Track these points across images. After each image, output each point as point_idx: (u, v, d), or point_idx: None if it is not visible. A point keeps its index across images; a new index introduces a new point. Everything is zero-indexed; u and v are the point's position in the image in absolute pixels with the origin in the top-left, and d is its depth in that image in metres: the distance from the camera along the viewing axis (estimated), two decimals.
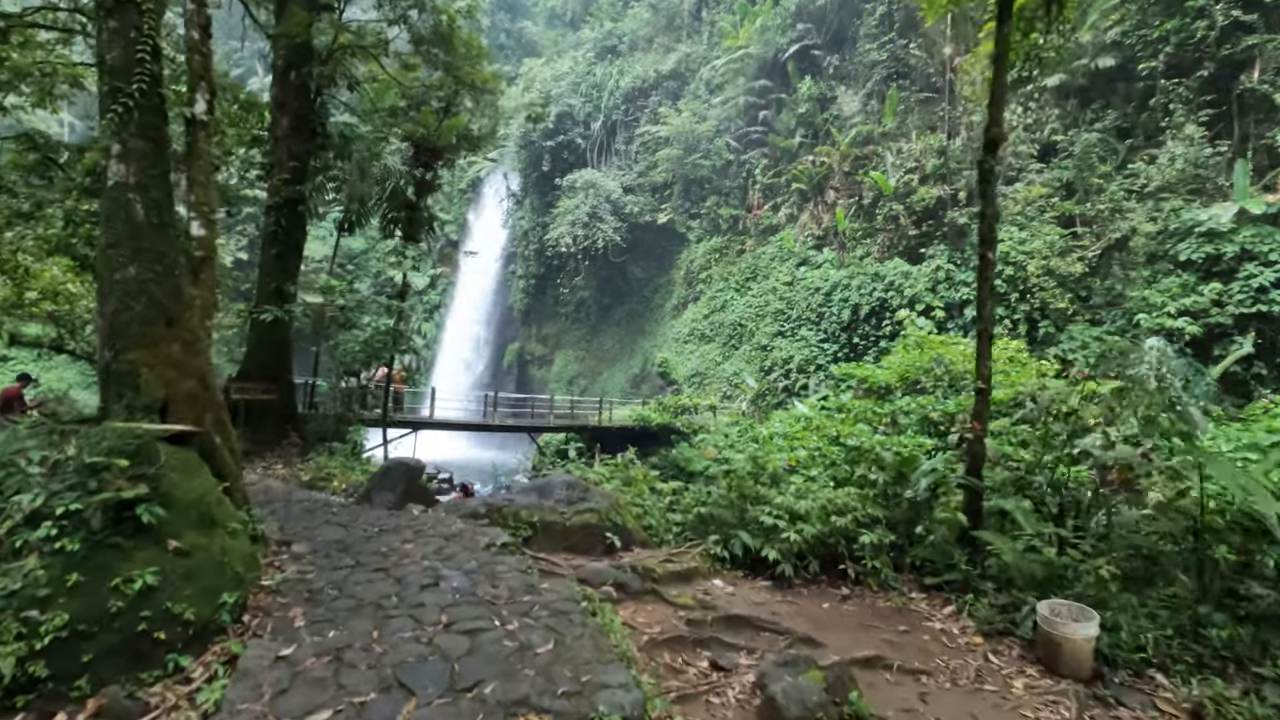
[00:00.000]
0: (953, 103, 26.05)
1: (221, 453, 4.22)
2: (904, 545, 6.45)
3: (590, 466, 8.84)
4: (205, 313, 4.39)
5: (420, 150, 12.94)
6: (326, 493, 9.24)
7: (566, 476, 6.97)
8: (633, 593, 4.97)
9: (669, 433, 23.04)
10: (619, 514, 6.54)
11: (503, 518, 6.04)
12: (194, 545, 3.32)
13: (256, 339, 13.26)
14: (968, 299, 23.37)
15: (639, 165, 39.82)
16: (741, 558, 6.45)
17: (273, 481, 8.47)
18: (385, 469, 6.78)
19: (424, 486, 6.86)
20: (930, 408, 13.76)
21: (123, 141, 3.92)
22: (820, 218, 30.71)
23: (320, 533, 5.22)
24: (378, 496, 6.56)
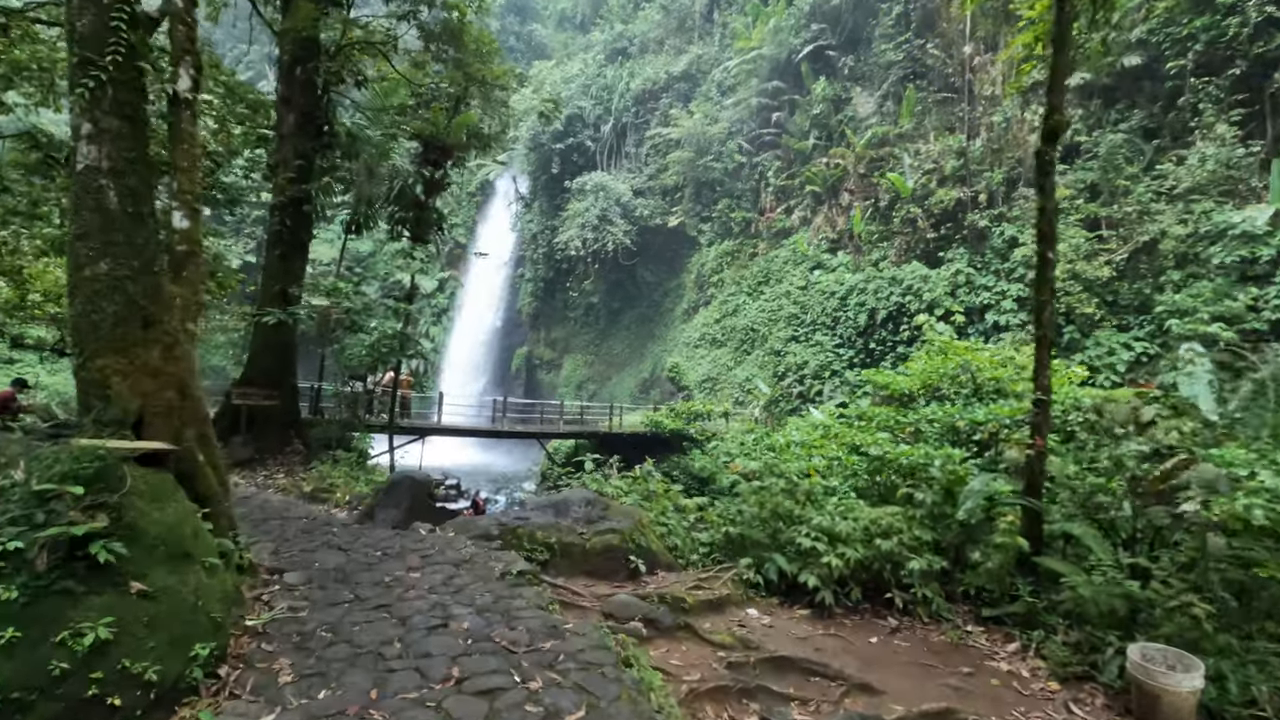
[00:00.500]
0: (972, 103, 25.45)
1: (204, 472, 3.74)
2: (955, 571, 5.88)
3: (607, 479, 8.31)
4: (188, 314, 3.92)
5: (429, 148, 12.51)
6: (329, 505, 8.77)
7: (584, 492, 6.45)
8: (664, 629, 4.44)
9: (681, 439, 22.51)
10: (642, 534, 6.02)
11: (517, 539, 5.53)
12: (162, 587, 2.82)
13: (260, 343, 12.84)
14: (989, 303, 22.75)
15: (649, 168, 39.39)
16: (776, 583, 5.91)
17: (272, 494, 8.00)
18: (390, 484, 6.29)
19: (431, 503, 6.36)
20: (957, 416, 13.18)
21: (94, 120, 3.45)
22: (835, 221, 30.14)
23: (317, 557, 4.73)
24: (382, 514, 6.07)
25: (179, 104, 4.00)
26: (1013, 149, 24.38)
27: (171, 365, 3.68)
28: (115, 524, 2.74)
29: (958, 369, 15.08)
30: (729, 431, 24.13)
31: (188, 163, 3.99)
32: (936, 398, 15.77)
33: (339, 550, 4.92)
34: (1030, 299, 21.53)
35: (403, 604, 3.83)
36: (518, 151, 45.24)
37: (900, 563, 5.72)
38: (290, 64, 12.92)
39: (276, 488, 9.53)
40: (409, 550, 4.97)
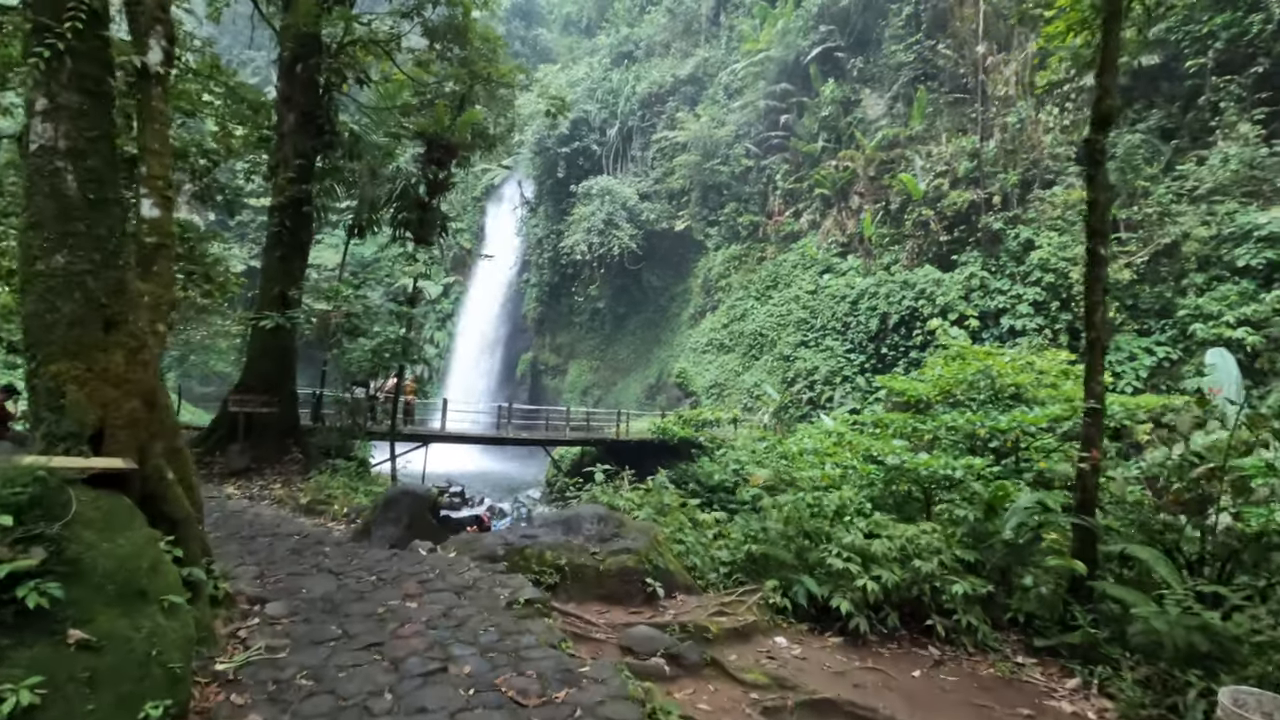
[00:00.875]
0: (985, 103, 24.99)
1: (173, 492, 3.31)
2: (1001, 596, 5.40)
3: (618, 491, 7.86)
4: (158, 314, 3.50)
5: (433, 147, 12.13)
6: (325, 518, 8.34)
7: (596, 508, 6.00)
8: (689, 666, 3.98)
9: (689, 446, 22.05)
10: (659, 554, 5.56)
11: (524, 560, 5.08)
12: (109, 634, 2.40)
13: (258, 348, 12.46)
14: (1004, 307, 22.24)
15: (655, 172, 39.03)
16: (805, 607, 5.44)
17: (266, 507, 7.57)
18: (388, 499, 5.85)
19: (432, 519, 5.92)
20: (978, 424, 12.70)
21: (50, 95, 3.05)
22: (844, 224, 29.68)
23: (306, 583, 4.30)
24: (379, 531, 5.64)
25: (148, 78, 3.60)
26: (1027, 150, 23.92)
27: (137, 371, 3.26)
28: (53, 560, 2.32)
29: (977, 374, 14.60)
30: (737, 438, 23.66)
31: (158, 145, 3.59)
32: (952, 404, 15.30)
33: (330, 574, 4.48)
34: (1047, 303, 21.09)
35: (397, 642, 3.39)
36: (523, 155, 45.01)
37: (940, 586, 5.24)
38: (291, 61, 12.58)
39: (272, 499, 9.10)
40: (406, 574, 4.53)
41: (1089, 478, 5.34)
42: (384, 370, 11.35)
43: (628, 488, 7.80)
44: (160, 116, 3.69)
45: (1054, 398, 13.37)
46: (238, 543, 5.27)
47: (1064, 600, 5.00)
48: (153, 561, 2.71)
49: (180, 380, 43.76)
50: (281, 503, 8.93)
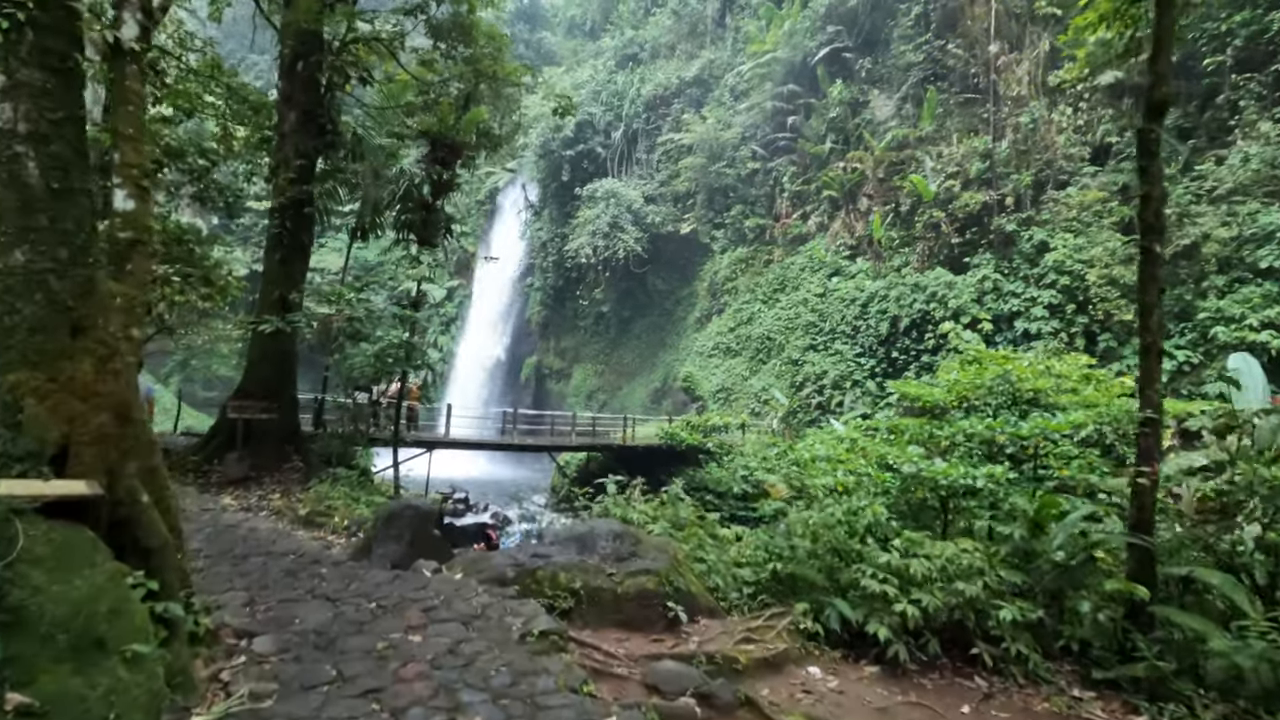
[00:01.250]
0: (997, 104, 24.61)
1: (147, 517, 2.95)
2: (1051, 622, 5.00)
3: (631, 503, 7.47)
4: (132, 318, 3.16)
5: (437, 147, 11.81)
6: (325, 531, 7.98)
7: (611, 524, 5.62)
8: (722, 706, 3.60)
9: (697, 452, 21.66)
10: (680, 574, 5.18)
11: (536, 583, 4.71)
12: (58, 695, 2.03)
13: (258, 353, 12.12)
14: (1017, 310, 21.83)
15: (661, 174, 38.73)
16: (838, 632, 5.05)
17: (263, 520, 7.21)
18: (390, 514, 5.49)
19: (436, 536, 5.55)
20: (998, 430, 12.33)
21: (8, 71, 2.70)
22: (853, 226, 29.30)
23: (299, 611, 3.93)
24: (380, 549, 5.27)
25: (122, 55, 3.26)
26: (1040, 150, 23.53)
27: (107, 382, 2.90)
28: None
29: (996, 379, 14.19)
30: (745, 444, 23.26)
31: (133, 129, 3.24)
32: (968, 410, 14.92)
33: (326, 601, 4.10)
34: (1062, 306, 20.66)
35: (399, 687, 3.01)
36: (527, 159, 44.76)
37: (986, 610, 4.85)
38: (292, 59, 12.27)
39: (270, 510, 8.75)
40: (409, 601, 4.15)
41: (1146, 494, 4.93)
42: (386, 375, 10.99)
43: (641, 499, 7.41)
44: (135, 98, 3.34)
45: (1075, 403, 12.97)
46: (229, 563, 4.90)
47: (1122, 628, 4.60)
48: (115, 604, 2.34)
49: (183, 385, 43.58)
50: (280, 514, 8.57)
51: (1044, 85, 24.39)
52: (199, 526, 6.33)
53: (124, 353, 3.06)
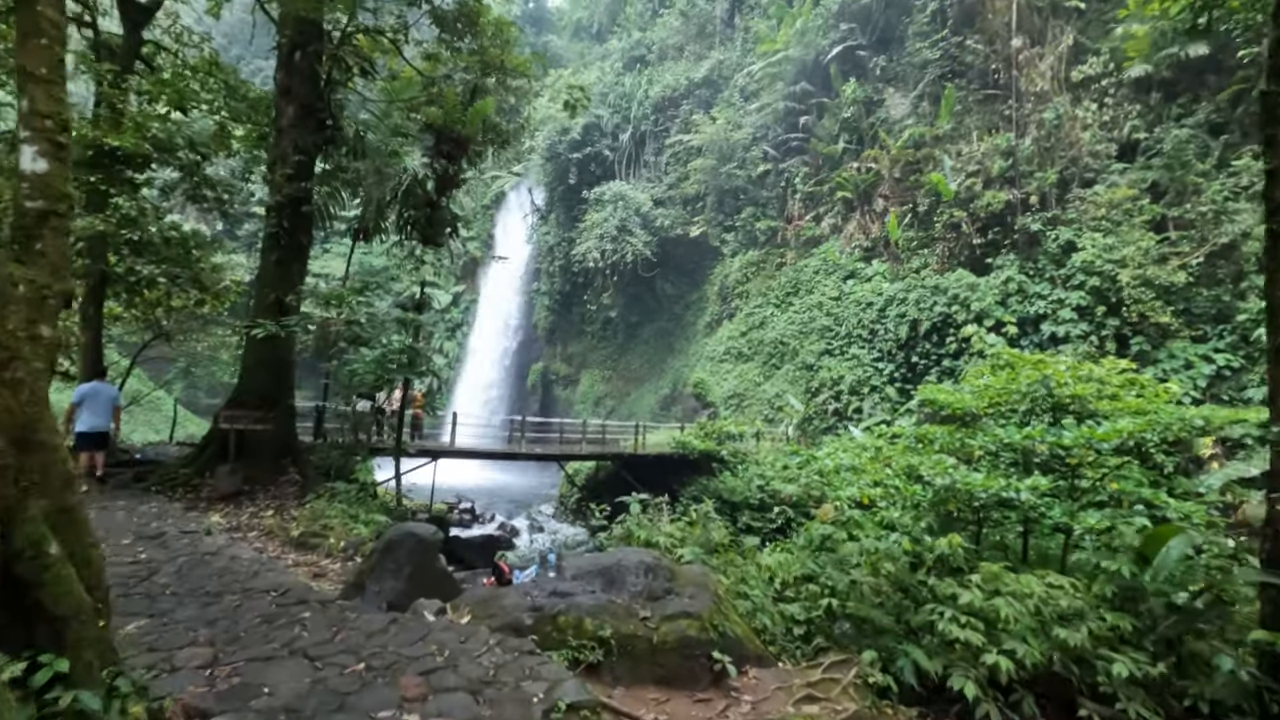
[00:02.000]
0: (1019, 100, 23.84)
1: (54, 576, 2.24)
2: (1173, 676, 4.21)
3: (654, 523, 6.74)
4: (41, 312, 2.46)
5: (442, 139, 11.14)
6: (319, 554, 7.26)
7: (641, 554, 4.88)
8: None
9: (710, 460, 20.89)
10: (724, 616, 4.43)
11: (559, 631, 3.97)
12: None
13: (253, 359, 11.45)
14: (1043, 313, 21.00)
15: (669, 177, 38.09)
16: (913, 686, 4.27)
17: (247, 545, 6.48)
18: (387, 544, 4.76)
19: (441, 568, 4.82)
20: (1037, 439, 11.56)
21: None
22: (868, 227, 28.54)
23: (271, 677, 3.19)
24: (375, 585, 4.55)
25: None
26: (1065, 148, 22.73)
27: (7, 396, 2.21)
28: None
29: (1033, 385, 13.38)
30: (759, 452, 22.48)
31: (46, 69, 2.54)
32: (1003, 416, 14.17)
33: (305, 660, 3.37)
34: (1092, 308, 19.82)
35: None
36: (533, 162, 44.25)
37: (1091, 662, 4.07)
38: (289, 50, 11.63)
39: (261, 530, 8.04)
40: (406, 659, 3.41)
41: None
42: (388, 383, 10.29)
43: (666, 518, 6.67)
44: (48, 29, 2.63)
45: (1118, 411, 12.15)
46: (197, 605, 4.19)
47: (1262, 686, 3.82)
48: None
49: (186, 392, 43.12)
50: (271, 535, 7.86)
51: (1067, 80, 23.63)
52: (173, 555, 5.62)
53: (27, 357, 2.35)
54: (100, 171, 9.42)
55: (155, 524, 7.11)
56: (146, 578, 4.87)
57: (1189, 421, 10.67)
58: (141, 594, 4.45)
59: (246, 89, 14.02)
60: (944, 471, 12.31)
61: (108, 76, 10.64)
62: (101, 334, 12.59)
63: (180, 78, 12.96)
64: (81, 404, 9.36)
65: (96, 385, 9.82)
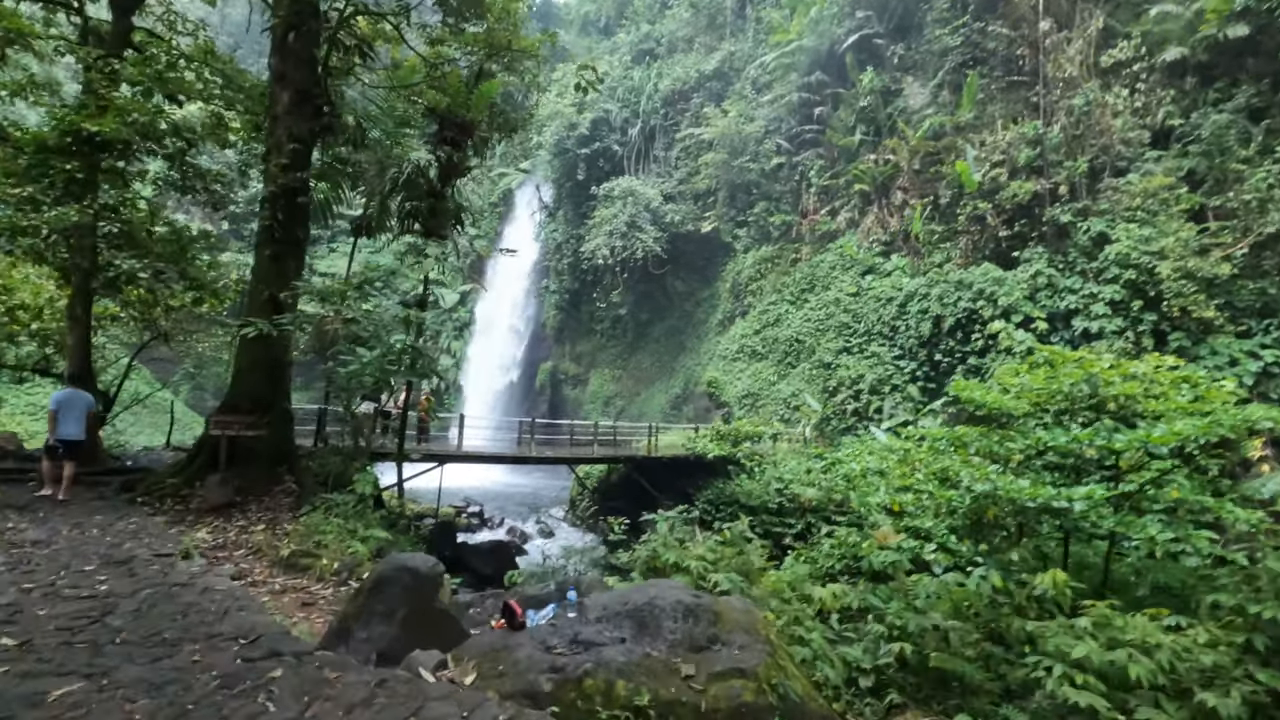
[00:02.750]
0: (1047, 87, 22.88)
1: None
2: None
3: (683, 543, 6.00)
4: None
5: (446, 125, 10.41)
6: (309, 577, 6.55)
7: (677, 591, 4.11)
8: None
9: (725, 462, 20.12)
10: (781, 670, 3.65)
11: (585, 698, 3.21)
12: None
13: (246, 360, 10.76)
14: (1075, 308, 20.07)
15: (680, 171, 37.29)
16: None
17: (227, 570, 5.76)
18: (378, 581, 4.01)
19: (441, 609, 4.07)
20: (1085, 443, 10.74)
21: None
22: (887, 221, 27.65)
23: None
24: (363, 632, 3.82)
25: None
26: (1095, 135, 21.75)
27: None
28: None
29: (1077, 383, 12.52)
30: (776, 453, 21.68)
31: None
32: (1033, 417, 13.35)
33: None
34: (1127, 302, 18.87)
35: None
36: (541, 158, 43.59)
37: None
38: (284, 30, 10.92)
39: (248, 549, 7.34)
40: None
41: None
42: (388, 386, 9.58)
43: (700, 540, 5.91)
44: None
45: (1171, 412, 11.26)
46: (148, 659, 3.46)
47: None
48: None
49: (192, 394, 42.75)
50: (259, 554, 7.16)
51: (1096, 66, 22.65)
52: (138, 586, 4.91)
53: None
54: (78, 159, 8.76)
55: (129, 544, 6.41)
56: (99, 619, 4.16)
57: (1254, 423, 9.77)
58: (86, 643, 3.73)
59: (243, 78, 13.37)
60: (985, 477, 11.46)
61: (91, 60, 9.96)
62: (90, 334, 11.96)
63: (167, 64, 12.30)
64: (59, 411, 8.73)
65: (72, 392, 9.21)
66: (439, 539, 16.39)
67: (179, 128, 10.34)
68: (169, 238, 11.59)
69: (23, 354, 16.23)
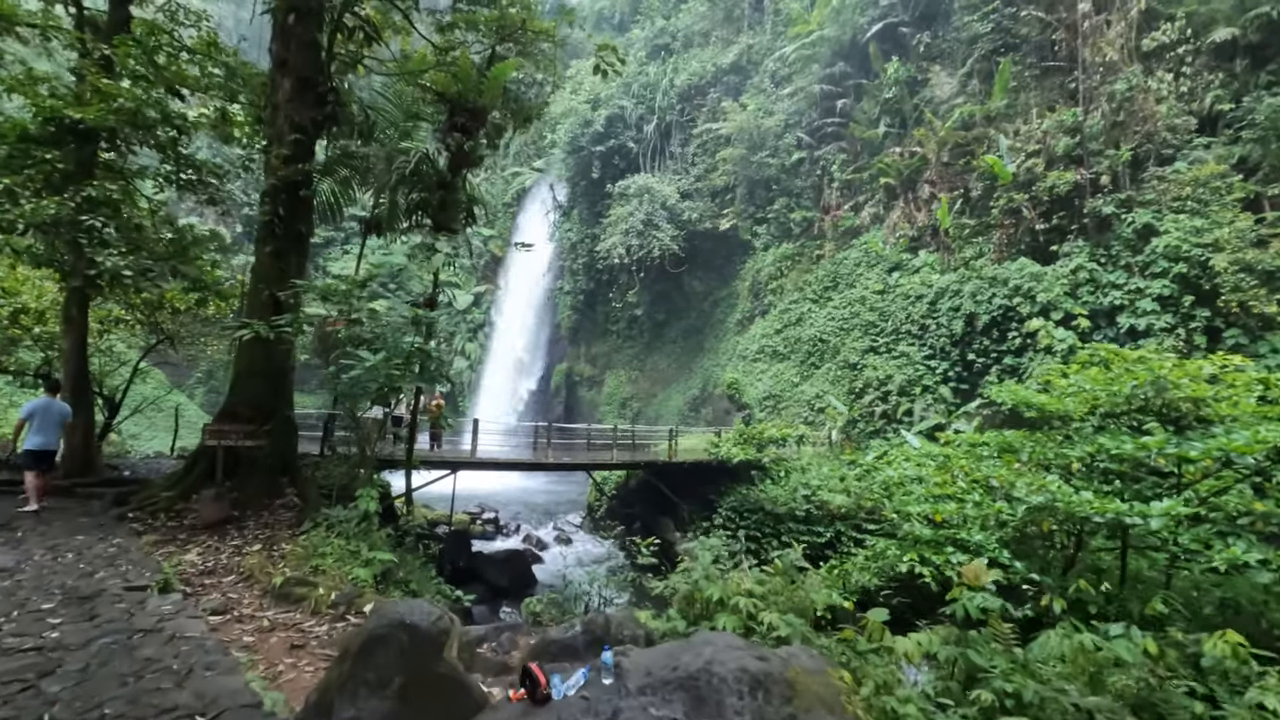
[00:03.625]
0: (1087, 72, 21.76)
1: None
2: None
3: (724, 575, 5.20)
4: None
5: (456, 111, 9.67)
6: (304, 609, 5.83)
7: (737, 652, 3.30)
8: None
9: (749, 468, 19.27)
10: None
11: None
12: None
13: (245, 365, 10.12)
14: (1119, 304, 18.97)
15: (697, 168, 36.43)
16: None
17: (195, 620, 4.95)
18: (367, 643, 3.24)
19: (446, 672, 3.30)
20: (1154, 451, 9.83)
21: None
22: (913, 216, 26.60)
23: None
24: (349, 710, 3.06)
25: None
26: (1138, 122, 20.61)
27: None
28: None
29: (1142, 386, 11.52)
30: (801, 457, 20.77)
31: None
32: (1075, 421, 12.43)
33: None
34: (1177, 298, 17.75)
35: None
36: (555, 157, 42.93)
37: None
38: (285, 13, 10.25)
39: (239, 575, 6.63)
40: None
41: None
42: (395, 391, 8.85)
43: (747, 573, 5.10)
44: None
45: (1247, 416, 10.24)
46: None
47: None
48: None
49: (207, 397, 42.49)
50: (250, 581, 6.44)
51: (1138, 50, 21.50)
52: (95, 633, 4.18)
53: None
54: (61, 149, 8.13)
55: (102, 574, 5.71)
56: (38, 679, 3.43)
57: None
58: (9, 716, 3.00)
59: (248, 70, 12.75)
60: (1042, 487, 10.51)
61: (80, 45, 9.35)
62: (85, 337, 11.38)
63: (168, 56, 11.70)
64: (31, 419, 8.13)
65: (48, 401, 8.61)
66: (453, 548, 15.70)
67: (169, 115, 9.66)
68: (168, 237, 10.97)
69: (25, 360, 15.75)
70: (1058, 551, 11.19)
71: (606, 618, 5.04)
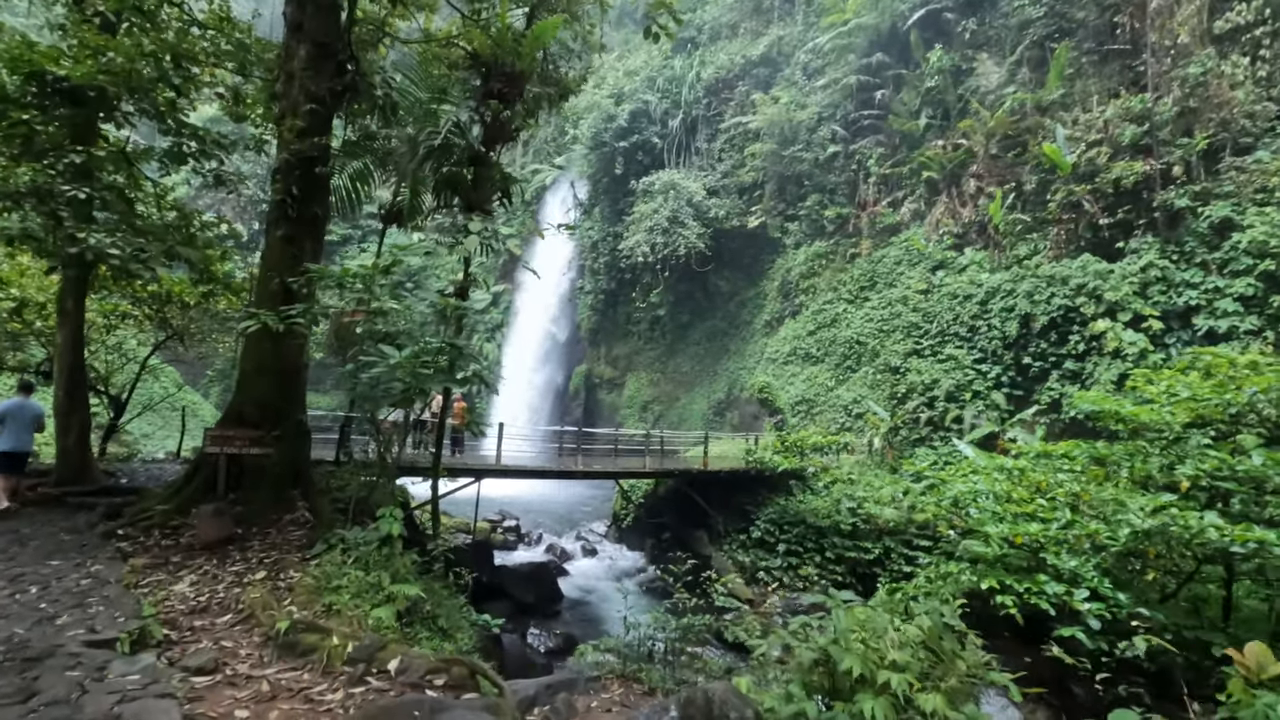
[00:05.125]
0: (1156, 56, 20.25)
1: None
2: None
3: (817, 630, 3.95)
4: None
5: (492, 75, 8.52)
6: (312, 669, 4.66)
7: None
8: None
9: (787, 477, 17.99)
10: None
11: None
12: None
13: (252, 362, 9.01)
14: (1195, 304, 17.47)
15: (724, 164, 35.17)
16: None
17: (167, 697, 3.80)
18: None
19: None
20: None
21: None
22: (958, 211, 25.15)
23: None
24: None
25: None
26: (1213, 109, 19.07)
27: None
28: None
29: (1267, 391, 10.14)
30: (841, 466, 19.44)
31: None
32: (1154, 433, 11.14)
33: None
34: (1263, 297, 16.21)
35: None
36: (576, 153, 41.85)
37: None
38: None
39: (237, 613, 5.49)
40: None
41: None
42: (422, 393, 7.68)
43: (892, 636, 3.85)
44: None
45: None
46: None
47: None
48: None
49: (222, 395, 41.82)
50: (249, 623, 5.29)
51: (1210, 32, 19.98)
52: (41, 715, 3.02)
53: None
54: (40, 111, 7.09)
55: (65, 617, 4.58)
56: None
57: None
58: None
59: (261, 48, 11.72)
60: (1159, 508, 9.38)
61: None
62: (82, 331, 10.37)
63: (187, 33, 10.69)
64: (3, 423, 7.10)
65: (21, 401, 7.62)
66: (475, 560, 14.57)
67: (166, 73, 8.58)
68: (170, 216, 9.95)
69: (29, 357, 14.85)
70: (1149, 581, 9.89)
71: (707, 697, 3.83)
